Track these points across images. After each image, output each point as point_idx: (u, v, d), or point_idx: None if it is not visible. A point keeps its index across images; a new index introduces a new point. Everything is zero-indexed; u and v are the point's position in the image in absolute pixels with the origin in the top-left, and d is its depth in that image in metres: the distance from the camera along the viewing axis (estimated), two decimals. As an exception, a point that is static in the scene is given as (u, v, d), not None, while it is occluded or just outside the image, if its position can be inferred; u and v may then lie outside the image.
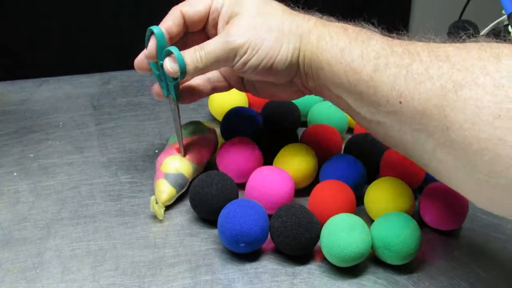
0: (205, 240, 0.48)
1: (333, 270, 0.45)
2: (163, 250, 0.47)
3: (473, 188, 0.36)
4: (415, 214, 0.51)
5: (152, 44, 0.47)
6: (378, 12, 0.53)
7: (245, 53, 0.44)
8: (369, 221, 0.49)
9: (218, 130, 0.60)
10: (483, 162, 0.33)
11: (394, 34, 0.41)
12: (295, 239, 0.44)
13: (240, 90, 0.53)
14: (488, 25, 0.71)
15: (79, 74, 0.74)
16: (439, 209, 0.48)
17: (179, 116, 0.52)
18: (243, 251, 0.46)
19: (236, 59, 0.44)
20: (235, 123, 0.58)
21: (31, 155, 0.58)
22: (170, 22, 0.47)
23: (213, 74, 0.53)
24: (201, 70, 0.45)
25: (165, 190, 0.50)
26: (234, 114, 0.59)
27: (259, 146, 0.54)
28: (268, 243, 0.47)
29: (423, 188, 0.51)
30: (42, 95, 0.69)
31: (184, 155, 0.52)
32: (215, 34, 0.48)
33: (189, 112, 0.66)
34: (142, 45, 0.48)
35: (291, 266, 0.46)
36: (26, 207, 0.51)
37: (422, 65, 0.36)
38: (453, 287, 0.45)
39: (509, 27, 0.68)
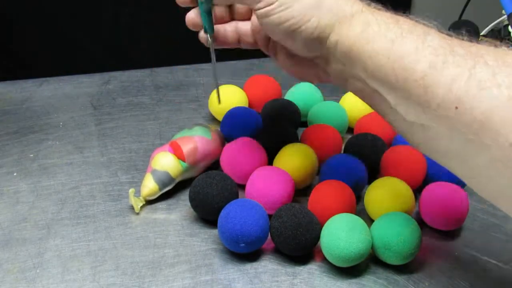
0: (205, 240, 0.48)
1: (333, 270, 0.45)
2: (163, 250, 0.47)
3: None
4: (415, 214, 0.51)
5: None
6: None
7: (272, 3, 0.40)
8: (369, 221, 0.49)
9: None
10: None
11: (452, 33, 0.37)
12: (295, 239, 0.44)
13: (265, 50, 0.50)
14: (488, 25, 0.71)
15: (79, 74, 0.74)
16: (439, 209, 0.48)
17: (214, 52, 0.48)
18: (243, 251, 0.46)
19: (261, 4, 0.41)
20: (235, 123, 0.58)
21: (31, 155, 0.58)
22: None
23: (243, 26, 0.49)
24: None
25: (147, 185, 0.51)
26: (234, 114, 0.59)
27: (259, 146, 0.54)
28: (268, 243, 0.47)
29: (423, 188, 0.51)
30: (42, 95, 0.69)
31: (184, 152, 0.52)
32: None
33: (189, 112, 0.66)
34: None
35: (291, 266, 0.46)
36: (26, 207, 0.51)
37: (487, 69, 0.32)
38: (453, 287, 0.45)
39: (509, 27, 0.68)
